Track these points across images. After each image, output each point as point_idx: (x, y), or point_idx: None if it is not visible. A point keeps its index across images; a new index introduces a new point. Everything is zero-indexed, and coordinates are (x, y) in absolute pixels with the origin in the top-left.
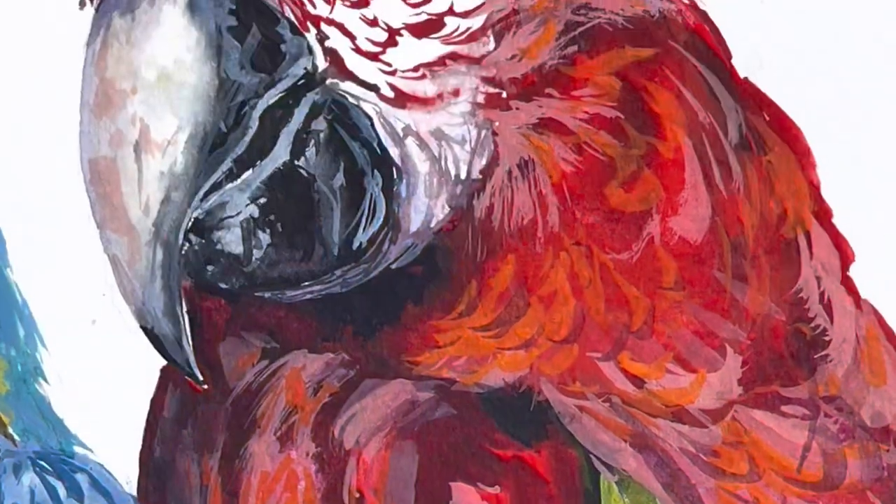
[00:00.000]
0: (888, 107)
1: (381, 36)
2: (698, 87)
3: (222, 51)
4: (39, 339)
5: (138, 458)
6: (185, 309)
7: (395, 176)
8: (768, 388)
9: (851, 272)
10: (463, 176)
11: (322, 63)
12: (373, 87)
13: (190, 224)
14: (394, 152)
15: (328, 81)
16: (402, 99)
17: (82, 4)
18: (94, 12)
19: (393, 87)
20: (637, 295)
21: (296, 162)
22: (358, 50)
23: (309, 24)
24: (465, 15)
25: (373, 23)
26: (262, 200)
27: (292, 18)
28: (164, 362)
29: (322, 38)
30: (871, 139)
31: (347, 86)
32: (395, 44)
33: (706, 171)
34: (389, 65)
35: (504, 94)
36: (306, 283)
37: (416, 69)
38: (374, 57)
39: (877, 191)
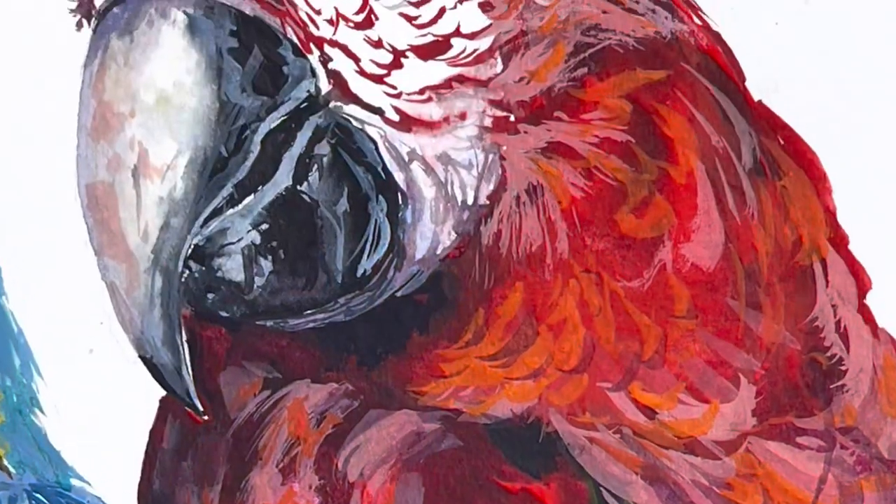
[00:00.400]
0: None
1: (386, 58)
2: (711, 110)
3: (223, 73)
4: (35, 368)
5: (137, 491)
6: (184, 338)
7: (400, 201)
8: (783, 418)
9: (868, 300)
10: (470, 201)
11: (325, 86)
12: (377, 111)
13: (190, 251)
14: (399, 177)
15: (332, 104)
16: (407, 122)
17: (79, 25)
18: (92, 33)
19: (398, 110)
20: (648, 323)
21: (298, 187)
22: (362, 72)
23: (312, 45)
24: (472, 36)
25: (377, 44)
26: (264, 226)
27: (295, 40)
28: (163, 392)
29: (325, 59)
30: (889, 164)
31: (351, 109)
32: (400, 66)
33: (719, 197)
34: (394, 87)
35: (512, 118)
36: (309, 312)
37: (421, 92)
38: (378, 79)
39: (895, 217)
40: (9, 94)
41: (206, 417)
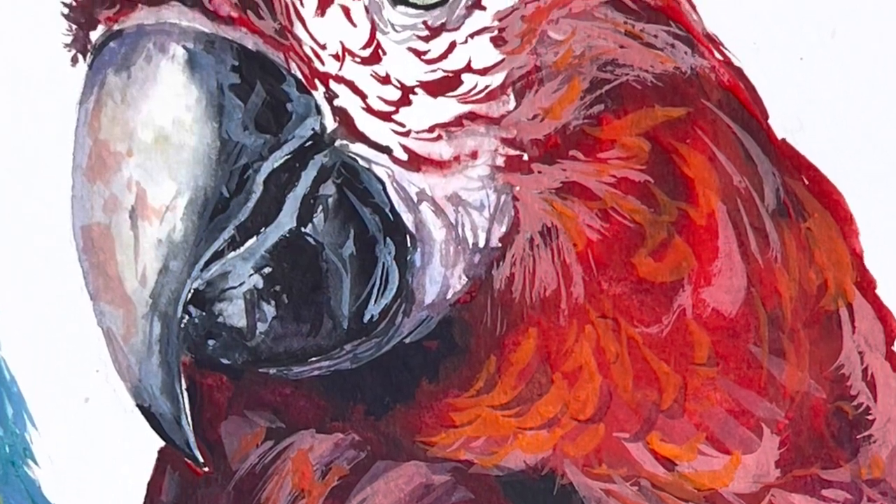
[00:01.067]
0: None
1: (394, 94)
2: (733, 149)
3: (224, 110)
4: (29, 418)
5: None
6: (184, 386)
7: (408, 244)
8: (808, 470)
9: None
10: (481, 244)
11: (331, 123)
12: (385, 149)
13: (189, 295)
14: (407, 219)
15: (337, 143)
16: (416, 161)
17: (74, 61)
18: (87, 69)
19: (406, 148)
20: (667, 371)
21: (303, 229)
22: (369, 109)
23: (317, 81)
24: (484, 72)
25: (385, 80)
26: (267, 270)
27: (299, 76)
28: (161, 443)
29: (331, 96)
30: None
31: (358, 147)
32: (408, 103)
33: (741, 239)
34: (403, 125)
35: (525, 157)
36: (314, 359)
37: (431, 130)
38: (386, 117)
39: None
40: (1, 132)
41: (206, 469)
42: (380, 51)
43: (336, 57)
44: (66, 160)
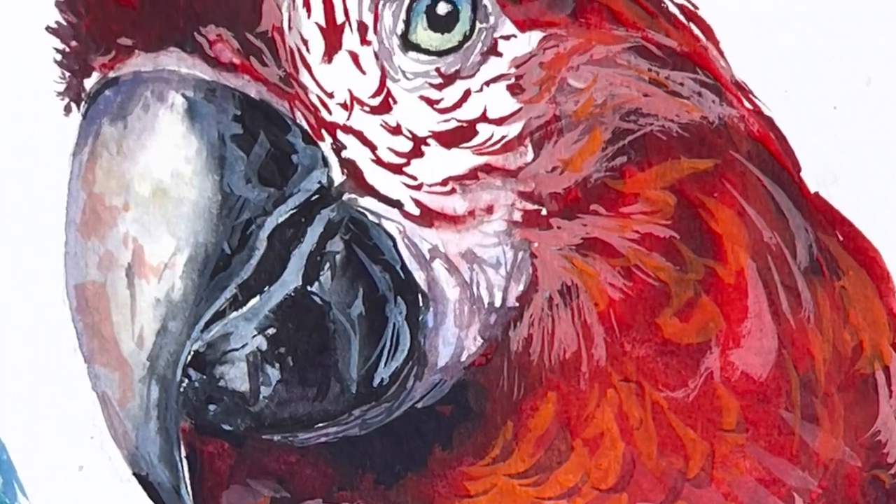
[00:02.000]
0: None
1: (406, 145)
2: (763, 203)
3: (226, 162)
4: (20, 487)
5: None
6: (183, 454)
7: (420, 303)
8: None
9: None
10: (497, 303)
11: (338, 176)
12: (396, 204)
13: (189, 358)
14: (419, 277)
15: (345, 197)
16: (428, 216)
17: (67, 110)
18: (81, 119)
19: (419, 203)
20: (694, 438)
21: (309, 287)
22: (379, 161)
23: (323, 131)
24: (500, 122)
25: (396, 130)
26: (271, 331)
27: (305, 126)
28: None
29: (338, 147)
30: None
31: (367, 202)
32: (420, 154)
33: (772, 299)
34: (415, 178)
35: (544, 212)
36: (321, 425)
37: (444, 183)
38: (397, 169)
39: None
40: None
41: None
42: (390, 99)
43: (344, 106)
44: (59, 215)
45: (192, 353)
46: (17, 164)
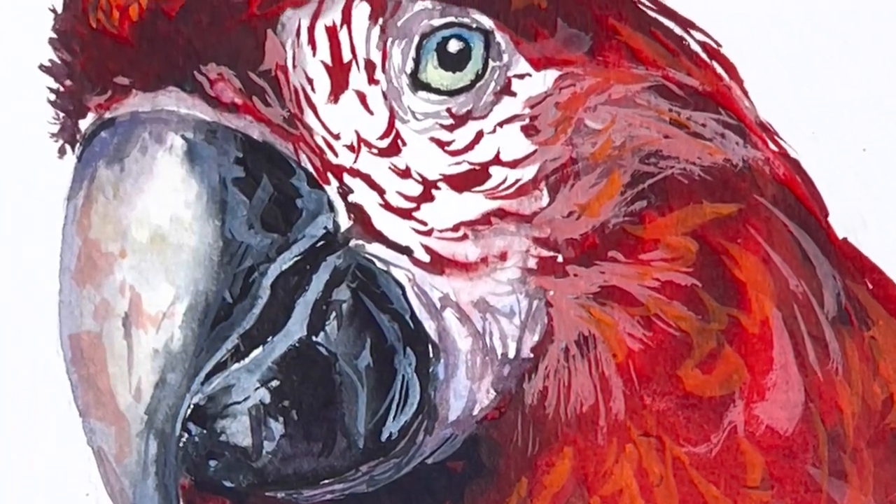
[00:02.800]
0: None
1: (415, 189)
2: (789, 249)
3: (227, 207)
4: None
5: None
6: None
7: (431, 354)
8: None
9: None
10: (511, 354)
11: (345, 221)
12: (405, 250)
13: (189, 411)
14: (430, 326)
15: (352, 243)
16: (439, 264)
17: (62, 152)
18: (76, 161)
19: (429, 249)
20: (717, 495)
21: (314, 338)
22: (387, 206)
23: (329, 175)
24: (514, 164)
25: (405, 174)
26: (275, 383)
27: (310, 169)
28: None
29: (345, 191)
30: None
31: (375, 248)
32: (431, 198)
33: (798, 349)
34: (425, 223)
35: (560, 258)
36: (326, 482)
37: (455, 228)
38: (406, 214)
39: None
40: None
41: None
42: (399, 141)
43: (351, 148)
44: (53, 262)
45: (191, 406)
46: (9, 209)
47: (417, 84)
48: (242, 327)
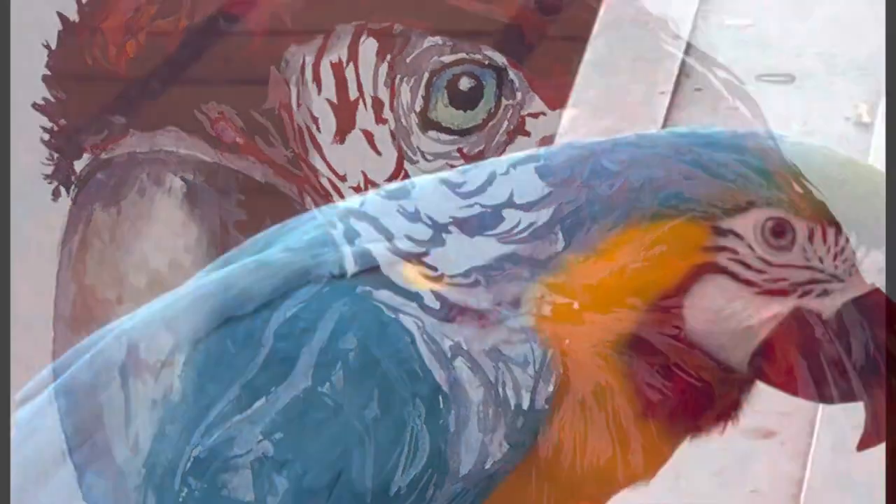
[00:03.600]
0: None
1: (425, 233)
2: None
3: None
4: None
5: None
6: None
7: (441, 405)
8: None
9: None
10: (525, 405)
11: (351, 266)
12: (414, 297)
13: (189, 465)
14: (440, 376)
15: (359, 289)
16: (450, 311)
17: (56, 195)
18: (71, 204)
19: (439, 296)
20: None
21: (319, 388)
22: (396, 250)
23: (336, 218)
24: (528, 207)
25: (414, 217)
26: (278, 436)
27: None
28: None
29: (351, 235)
30: None
31: (382, 294)
32: (441, 243)
33: (824, 399)
34: (435, 269)
35: (576, 305)
36: None
37: (467, 274)
38: (415, 259)
39: None
40: None
41: None
42: (408, 182)
43: (358, 189)
44: (47, 308)
45: (191, 459)
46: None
47: (427, 123)
48: (245, 376)
